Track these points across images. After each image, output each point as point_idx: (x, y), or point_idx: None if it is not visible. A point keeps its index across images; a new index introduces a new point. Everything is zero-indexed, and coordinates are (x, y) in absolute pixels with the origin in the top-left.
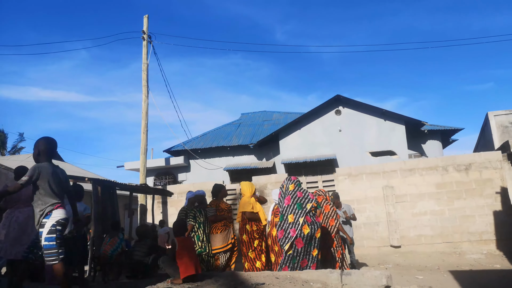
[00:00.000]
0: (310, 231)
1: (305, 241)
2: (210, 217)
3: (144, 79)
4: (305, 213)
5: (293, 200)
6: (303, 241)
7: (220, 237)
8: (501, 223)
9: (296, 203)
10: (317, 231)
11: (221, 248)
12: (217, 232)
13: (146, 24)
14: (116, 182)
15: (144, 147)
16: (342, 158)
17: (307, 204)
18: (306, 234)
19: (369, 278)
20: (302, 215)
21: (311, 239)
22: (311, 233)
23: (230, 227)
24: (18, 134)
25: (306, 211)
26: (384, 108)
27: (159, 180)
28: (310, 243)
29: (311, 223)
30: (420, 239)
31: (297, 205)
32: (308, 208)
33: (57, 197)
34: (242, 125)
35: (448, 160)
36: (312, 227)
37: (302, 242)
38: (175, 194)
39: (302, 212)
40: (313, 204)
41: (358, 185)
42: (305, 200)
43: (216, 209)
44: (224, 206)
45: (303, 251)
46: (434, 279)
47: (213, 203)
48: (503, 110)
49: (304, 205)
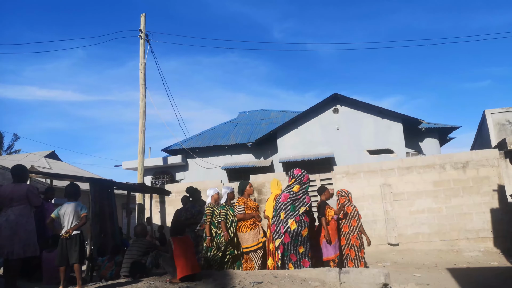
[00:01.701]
0: (296, 228)
1: (292, 236)
2: (238, 215)
3: (141, 78)
4: (296, 215)
5: (289, 201)
6: (289, 236)
7: (251, 236)
8: (498, 221)
9: (291, 204)
10: (304, 229)
11: (253, 247)
12: (246, 231)
13: (143, 22)
14: (113, 181)
15: (141, 146)
16: (340, 157)
17: (300, 208)
18: (293, 230)
19: (367, 276)
20: (292, 217)
21: (297, 235)
22: (297, 229)
23: (259, 226)
24: (12, 134)
25: (298, 214)
26: (382, 106)
27: (157, 179)
28: (296, 239)
29: (298, 221)
30: (417, 237)
31: (291, 207)
32: (300, 212)
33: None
34: (240, 124)
35: (446, 158)
36: (299, 224)
37: (289, 237)
38: (173, 193)
39: (293, 214)
40: (306, 209)
41: (356, 184)
42: (300, 204)
43: (244, 207)
44: (252, 204)
45: (290, 246)
46: (432, 277)
47: (240, 200)
48: (500, 108)
49: (297, 208)
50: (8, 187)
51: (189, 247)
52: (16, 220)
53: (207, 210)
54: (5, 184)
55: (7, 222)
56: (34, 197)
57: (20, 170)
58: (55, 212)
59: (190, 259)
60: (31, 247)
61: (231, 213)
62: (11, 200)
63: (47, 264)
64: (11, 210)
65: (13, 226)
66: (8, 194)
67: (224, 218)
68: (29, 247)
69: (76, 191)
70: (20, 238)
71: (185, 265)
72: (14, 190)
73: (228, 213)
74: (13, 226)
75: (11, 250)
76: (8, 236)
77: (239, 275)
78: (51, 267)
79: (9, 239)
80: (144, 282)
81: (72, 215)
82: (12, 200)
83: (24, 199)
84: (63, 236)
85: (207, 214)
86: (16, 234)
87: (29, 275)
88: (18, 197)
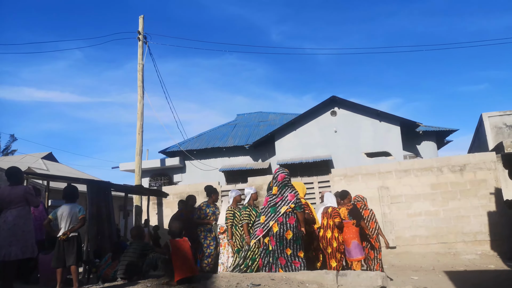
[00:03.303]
0: (278, 230)
1: (276, 239)
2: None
3: (139, 80)
4: (277, 216)
5: (269, 203)
6: (274, 239)
7: None
8: (495, 224)
9: (271, 207)
10: (287, 232)
11: None
12: None
13: (142, 24)
14: (111, 183)
15: (139, 148)
16: (338, 159)
17: (281, 208)
18: (275, 232)
19: (364, 279)
20: (273, 218)
21: (281, 238)
22: (279, 232)
23: None
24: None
25: (279, 215)
26: (379, 109)
27: (155, 181)
28: (281, 242)
29: (281, 223)
30: (415, 239)
31: (271, 209)
32: (282, 212)
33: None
34: (237, 126)
35: (443, 161)
36: (281, 227)
37: (274, 241)
38: (171, 195)
39: (274, 216)
40: (290, 206)
41: (353, 186)
42: (282, 204)
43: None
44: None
45: (277, 249)
46: (429, 280)
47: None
48: (498, 111)
49: (278, 209)
50: (6, 189)
51: (187, 250)
52: (14, 222)
53: (228, 213)
54: (2, 186)
55: (5, 224)
56: (32, 198)
57: (15, 173)
58: (52, 213)
59: (188, 261)
60: (29, 248)
61: (254, 213)
62: (9, 203)
63: (44, 266)
64: (10, 212)
65: (11, 227)
66: (6, 197)
67: (248, 220)
68: (27, 249)
69: (74, 193)
70: (18, 240)
71: (182, 267)
72: (11, 192)
73: (251, 213)
74: (11, 228)
75: (9, 251)
76: (6, 238)
77: (237, 277)
78: (48, 269)
79: (7, 240)
80: (140, 284)
81: (70, 217)
82: (10, 202)
83: (22, 201)
84: (60, 238)
85: (228, 217)
86: (14, 236)
87: (26, 277)
88: (16, 199)
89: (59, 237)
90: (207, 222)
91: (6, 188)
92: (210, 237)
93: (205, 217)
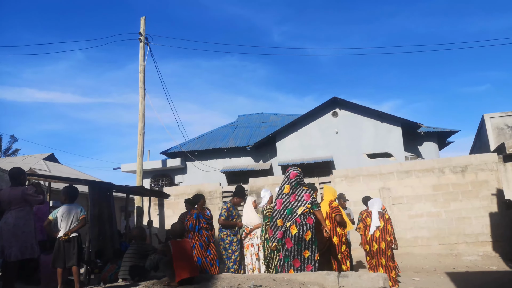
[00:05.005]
0: (297, 232)
1: (294, 241)
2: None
3: (140, 81)
4: (295, 216)
5: (284, 205)
6: (291, 241)
7: None
8: (497, 225)
9: (287, 208)
10: (306, 233)
11: None
12: None
13: (143, 25)
14: (112, 184)
15: (140, 149)
16: (339, 160)
17: (298, 208)
18: (294, 235)
19: (366, 280)
20: (290, 219)
21: (300, 240)
22: (298, 234)
23: None
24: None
25: (296, 215)
26: (381, 110)
27: (156, 182)
28: (300, 244)
29: (299, 224)
30: (416, 240)
31: (287, 211)
32: (298, 213)
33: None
34: (239, 127)
35: (444, 162)
36: (300, 228)
37: (291, 242)
38: (172, 196)
39: (291, 217)
40: (307, 206)
41: (355, 187)
42: (297, 204)
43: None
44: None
45: (294, 251)
46: (431, 281)
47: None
48: (499, 112)
49: (295, 210)
50: (6, 190)
51: (187, 250)
52: (14, 223)
53: (268, 212)
54: (4, 187)
55: (5, 225)
56: (32, 197)
57: (15, 174)
58: (52, 214)
59: (189, 262)
60: (28, 249)
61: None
62: (9, 204)
63: (45, 267)
64: (10, 213)
65: (11, 228)
66: (6, 198)
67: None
68: (26, 249)
69: (74, 193)
70: (18, 240)
71: (183, 268)
72: (11, 193)
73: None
74: (11, 229)
75: (9, 252)
76: (7, 239)
77: (238, 278)
78: (49, 270)
79: (7, 241)
80: (142, 285)
81: (70, 217)
82: (11, 204)
83: (21, 202)
84: (61, 238)
85: (268, 216)
86: (14, 236)
87: (28, 277)
88: (15, 201)
89: (60, 237)
90: (237, 224)
91: (7, 189)
92: (236, 243)
93: (232, 219)
